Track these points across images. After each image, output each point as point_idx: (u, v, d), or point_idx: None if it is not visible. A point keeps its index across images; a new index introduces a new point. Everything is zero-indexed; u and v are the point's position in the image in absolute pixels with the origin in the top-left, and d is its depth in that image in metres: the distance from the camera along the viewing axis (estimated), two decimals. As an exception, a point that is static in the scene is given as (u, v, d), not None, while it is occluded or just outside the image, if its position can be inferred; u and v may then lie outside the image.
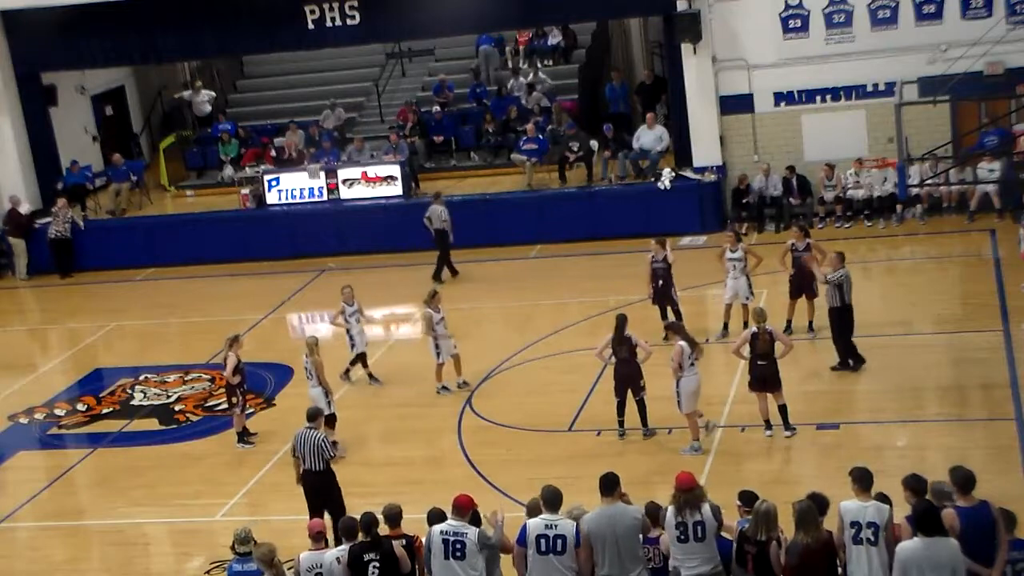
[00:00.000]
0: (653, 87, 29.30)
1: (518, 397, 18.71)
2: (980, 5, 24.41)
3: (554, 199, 26.67)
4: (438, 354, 18.78)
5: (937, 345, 18.92)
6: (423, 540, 11.58)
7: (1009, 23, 23.78)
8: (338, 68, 33.09)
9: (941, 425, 16.31)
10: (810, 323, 19.43)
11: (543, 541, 11.06)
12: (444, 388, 18.91)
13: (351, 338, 19.42)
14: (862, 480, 10.94)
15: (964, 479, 10.72)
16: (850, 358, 17.94)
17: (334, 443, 16.66)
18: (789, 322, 19.27)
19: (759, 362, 16.12)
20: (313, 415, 14.87)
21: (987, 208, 24.16)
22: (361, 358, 19.66)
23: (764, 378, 16.13)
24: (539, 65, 31.23)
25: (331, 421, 16.93)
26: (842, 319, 17.85)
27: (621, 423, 16.72)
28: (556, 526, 11.08)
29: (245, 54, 33.18)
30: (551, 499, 11.25)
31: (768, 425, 16.26)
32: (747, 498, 11.36)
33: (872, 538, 10.61)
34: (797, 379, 17.35)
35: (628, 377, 16.54)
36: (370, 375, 19.65)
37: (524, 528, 11.16)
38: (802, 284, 19.25)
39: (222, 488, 16.78)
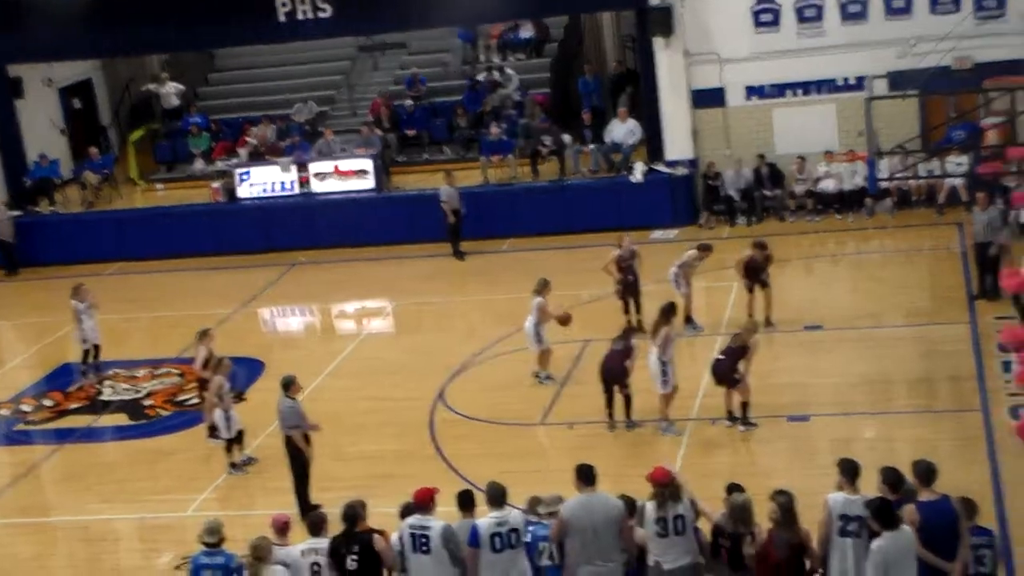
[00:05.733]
0: (620, 78, 29.34)
1: (490, 391, 18.69)
2: (948, 0, 24.55)
3: (526, 193, 26.67)
4: (539, 340, 18.48)
5: (906, 338, 19.01)
6: (392, 535, 11.58)
7: (977, 18, 23.94)
8: (310, 61, 32.93)
9: (910, 417, 16.41)
10: (767, 318, 19.50)
11: (497, 539, 11.03)
12: (548, 377, 18.65)
13: (83, 333, 20.71)
14: (850, 472, 10.94)
15: (925, 472, 10.76)
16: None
17: (249, 459, 16.95)
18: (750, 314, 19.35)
19: (717, 356, 16.54)
20: (285, 384, 15.29)
21: (955, 201, 24.26)
22: (95, 350, 20.87)
23: (718, 374, 16.47)
24: (510, 59, 31.17)
25: (239, 438, 16.96)
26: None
27: (610, 415, 16.82)
28: (507, 521, 11.10)
29: (215, 47, 32.95)
30: (496, 495, 11.28)
31: (730, 416, 16.43)
32: (733, 491, 11.32)
33: (857, 531, 10.65)
34: (767, 372, 17.39)
35: (615, 375, 16.64)
36: None
37: (475, 529, 11.11)
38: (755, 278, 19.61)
39: (192, 483, 16.69)
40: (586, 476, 11.30)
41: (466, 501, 11.63)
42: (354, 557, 11.24)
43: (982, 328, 18.55)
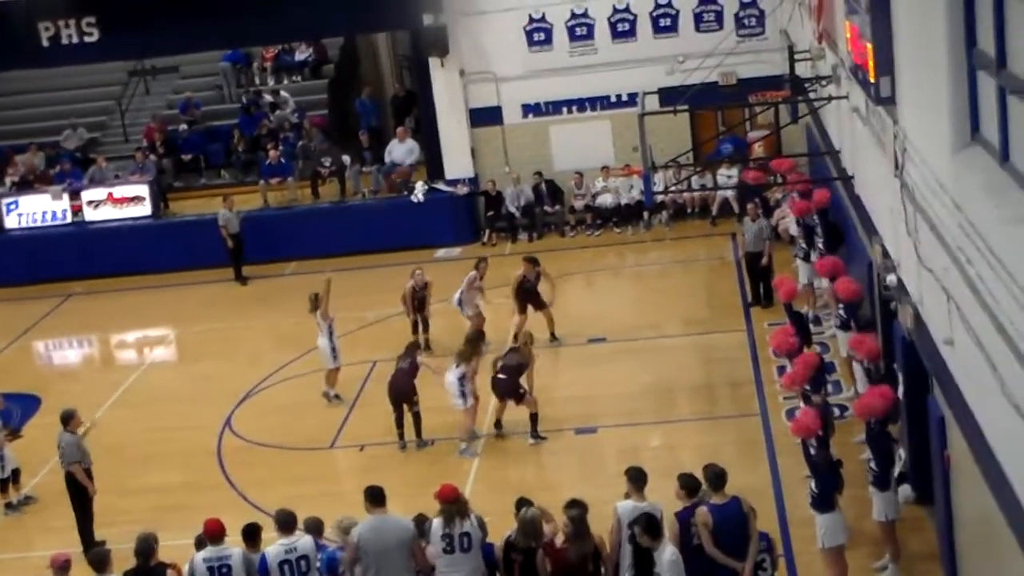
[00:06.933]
0: (404, 100, 29.43)
1: (279, 416, 18.45)
2: (712, 19, 25.53)
3: (308, 215, 26.44)
4: (335, 358, 18.40)
5: (687, 347, 19.59)
6: (183, 568, 11.36)
7: (739, 36, 24.93)
8: (78, 87, 31.90)
9: (693, 424, 16.85)
10: (552, 333, 19.80)
11: (287, 567, 11.07)
12: (336, 396, 18.51)
13: None
14: (637, 480, 11.28)
15: (715, 476, 11.17)
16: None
17: (27, 499, 16.43)
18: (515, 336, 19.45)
19: (497, 375, 16.67)
20: (64, 418, 14.99)
21: (727, 212, 25.22)
22: None
23: (499, 390, 16.68)
24: (285, 81, 30.91)
25: (14, 478, 16.44)
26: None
27: (401, 435, 16.79)
28: (296, 548, 11.13)
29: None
30: (284, 521, 11.27)
31: (497, 424, 16.70)
32: (523, 505, 11.45)
33: None
34: (553, 386, 17.66)
35: (402, 393, 16.65)
36: None
37: (263, 558, 11.10)
38: (528, 299, 19.79)
39: (-42, 528, 15.95)
40: (375, 498, 11.33)
41: (250, 534, 11.55)
42: None
43: (758, 334, 19.25)
